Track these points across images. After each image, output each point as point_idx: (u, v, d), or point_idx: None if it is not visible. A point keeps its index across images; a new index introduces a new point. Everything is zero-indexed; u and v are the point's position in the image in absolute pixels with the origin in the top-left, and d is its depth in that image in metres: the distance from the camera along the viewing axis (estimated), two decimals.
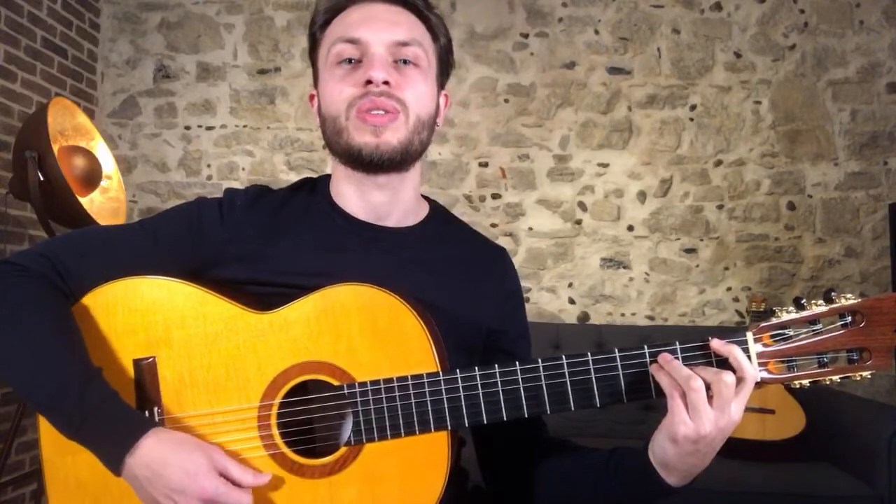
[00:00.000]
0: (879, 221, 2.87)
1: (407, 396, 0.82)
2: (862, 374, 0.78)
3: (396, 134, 0.91)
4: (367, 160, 0.91)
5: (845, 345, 0.78)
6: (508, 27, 3.02)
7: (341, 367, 0.84)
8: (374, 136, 0.90)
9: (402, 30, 0.92)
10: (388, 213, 0.98)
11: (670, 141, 2.96)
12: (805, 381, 0.79)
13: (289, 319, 0.86)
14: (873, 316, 0.78)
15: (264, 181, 2.99)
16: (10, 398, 2.49)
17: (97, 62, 3.10)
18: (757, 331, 0.80)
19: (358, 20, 0.92)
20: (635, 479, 0.83)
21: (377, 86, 0.89)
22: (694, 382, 0.74)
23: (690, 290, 2.94)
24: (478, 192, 3.01)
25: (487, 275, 1.02)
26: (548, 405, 0.81)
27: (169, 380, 0.86)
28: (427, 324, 0.84)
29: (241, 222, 0.94)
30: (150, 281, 0.89)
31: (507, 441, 0.98)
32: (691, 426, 0.74)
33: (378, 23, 0.92)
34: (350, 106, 0.90)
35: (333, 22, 0.95)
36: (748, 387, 0.76)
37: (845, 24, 2.92)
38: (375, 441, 0.82)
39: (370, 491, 0.82)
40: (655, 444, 0.80)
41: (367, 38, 0.91)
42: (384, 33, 0.91)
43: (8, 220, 2.47)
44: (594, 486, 0.87)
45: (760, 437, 2.20)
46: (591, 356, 0.81)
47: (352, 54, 0.91)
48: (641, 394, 0.80)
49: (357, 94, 0.89)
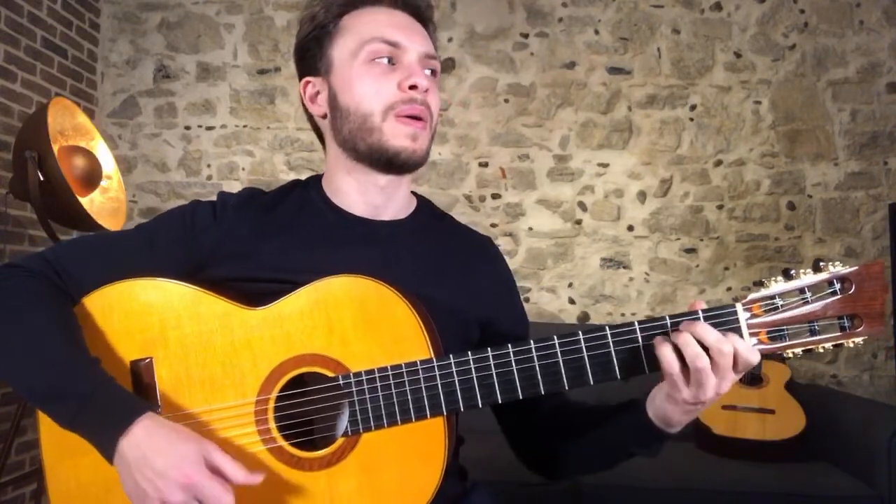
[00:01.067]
0: (879, 221, 2.87)
1: (402, 384, 0.83)
2: (854, 341, 0.78)
3: (426, 141, 0.96)
4: (402, 163, 0.94)
5: (836, 312, 0.78)
6: (508, 27, 3.02)
7: (335, 358, 0.85)
8: (412, 141, 0.93)
9: (429, 42, 0.98)
10: (385, 209, 1.00)
11: (670, 141, 2.96)
12: (798, 349, 0.79)
13: (282, 314, 0.86)
14: (862, 282, 0.77)
15: (264, 181, 3.00)
16: (10, 398, 2.49)
17: (97, 62, 3.10)
18: (746, 301, 0.80)
19: (392, 24, 0.95)
20: (636, 433, 0.88)
21: (421, 92, 0.92)
22: (700, 361, 0.76)
23: (690, 290, 2.94)
24: (478, 192, 3.01)
25: (478, 263, 1.04)
26: (541, 386, 0.82)
27: (166, 379, 0.87)
28: (418, 311, 0.85)
29: (233, 222, 0.96)
30: (144, 283, 0.90)
31: (525, 416, 1.01)
32: (692, 393, 0.77)
33: (412, 33, 0.96)
34: (389, 108, 0.92)
35: (351, 15, 0.96)
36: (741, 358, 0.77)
37: (845, 24, 2.92)
38: (372, 430, 0.83)
39: (368, 480, 0.83)
40: (655, 404, 0.84)
41: (406, 45, 0.94)
42: (419, 44, 0.95)
43: (8, 220, 2.47)
44: (605, 444, 0.94)
45: (760, 437, 2.19)
46: (583, 335, 0.82)
47: (389, 54, 0.93)
48: (634, 369, 0.81)
49: (401, 98, 0.92)
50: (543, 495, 1.93)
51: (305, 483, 0.83)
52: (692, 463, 2.10)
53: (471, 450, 1.05)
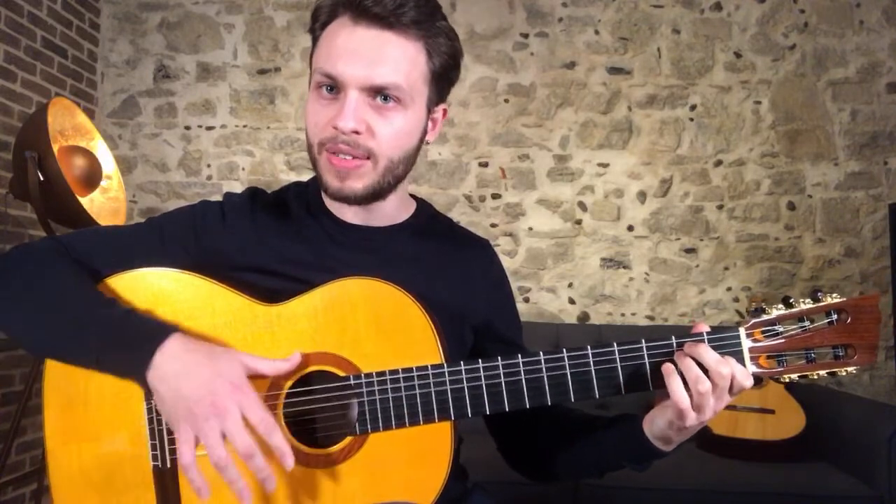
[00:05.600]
0: (879, 221, 2.87)
1: (412, 387, 0.84)
2: (847, 370, 0.83)
3: (362, 180, 0.90)
4: (333, 198, 0.93)
5: (832, 341, 0.83)
6: (508, 27, 3.02)
7: (347, 358, 0.86)
8: (339, 181, 0.90)
9: (383, 68, 0.87)
10: (373, 219, 1.00)
11: (670, 141, 2.97)
12: (794, 374, 0.83)
13: (296, 312, 0.87)
14: (857, 314, 0.83)
15: (264, 181, 3.00)
16: (9, 398, 2.49)
17: (97, 62, 3.10)
18: (749, 327, 0.84)
19: (341, 48, 0.87)
20: (632, 448, 0.89)
21: (346, 134, 0.87)
22: (702, 386, 0.79)
23: (690, 290, 2.94)
24: (478, 192, 3.01)
25: (475, 267, 1.04)
26: (548, 396, 0.84)
27: None
28: (432, 316, 0.86)
29: (239, 221, 0.98)
30: (157, 273, 0.90)
31: (519, 420, 1.00)
32: (695, 415, 0.80)
33: (358, 58, 0.86)
34: (321, 143, 0.90)
35: (326, 29, 0.91)
36: (738, 382, 0.80)
37: (845, 24, 2.92)
38: (380, 431, 0.84)
39: (374, 480, 0.83)
40: (654, 423, 0.85)
41: (343, 78, 0.87)
42: (362, 73, 0.86)
43: (8, 220, 2.47)
44: (597, 456, 0.95)
45: (760, 437, 2.19)
46: (591, 349, 0.84)
47: (331, 84, 0.89)
48: (638, 386, 0.84)
49: (330, 136, 0.88)
50: (543, 495, 1.93)
51: (312, 479, 0.84)
52: (692, 463, 2.10)
53: (471, 450, 1.06)
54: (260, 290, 0.90)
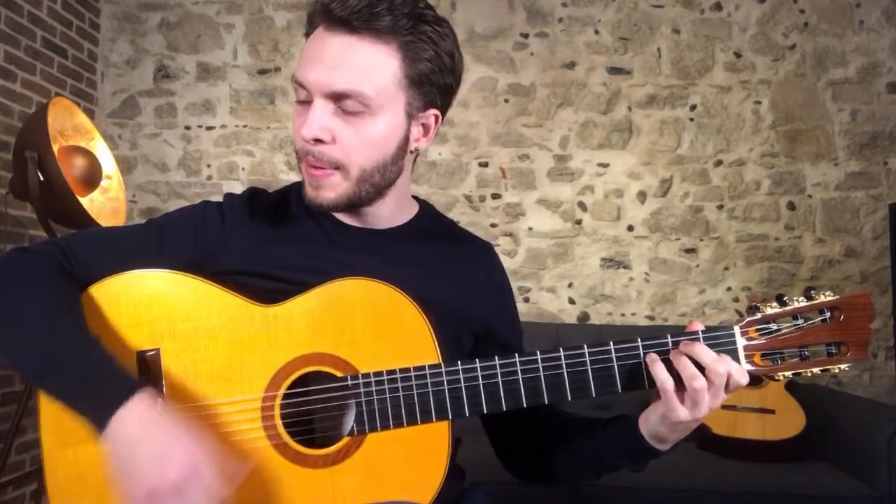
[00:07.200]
0: (879, 221, 2.86)
1: (409, 387, 0.84)
2: (840, 367, 0.84)
3: (335, 190, 0.90)
4: (310, 206, 0.93)
5: (825, 339, 0.84)
6: (508, 27, 3.02)
7: (345, 358, 0.86)
8: (313, 190, 0.91)
9: (345, 74, 0.84)
10: (371, 222, 0.99)
11: (670, 141, 2.96)
12: (787, 371, 0.84)
13: (293, 313, 0.87)
14: (850, 312, 0.83)
15: (264, 181, 3.00)
16: (9, 398, 2.49)
17: (97, 62, 3.10)
18: (743, 325, 0.85)
19: (308, 56, 0.87)
20: (628, 448, 0.90)
21: (309, 143, 0.88)
22: (697, 382, 0.80)
23: (690, 290, 2.94)
24: (478, 192, 3.01)
25: (477, 270, 1.04)
26: (545, 395, 0.84)
27: (173, 372, 0.87)
28: (428, 316, 0.86)
29: (239, 221, 0.98)
30: (154, 274, 0.90)
31: (516, 423, 1.01)
32: (688, 412, 0.81)
33: (319, 65, 0.85)
34: (298, 152, 0.91)
35: (310, 37, 0.91)
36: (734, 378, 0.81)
37: (845, 24, 2.92)
38: (378, 431, 0.84)
39: (372, 480, 0.84)
40: (648, 420, 0.86)
41: (308, 85, 0.87)
42: (323, 79, 0.85)
43: (8, 220, 2.47)
44: (594, 456, 0.95)
45: (760, 437, 2.19)
46: (588, 348, 0.85)
47: (305, 92, 0.88)
48: (635, 384, 0.84)
49: (300, 145, 0.90)
50: (542, 496, 1.93)
51: (309, 480, 0.84)
52: (692, 463, 2.10)
53: (469, 450, 1.05)
54: (258, 291, 0.90)
